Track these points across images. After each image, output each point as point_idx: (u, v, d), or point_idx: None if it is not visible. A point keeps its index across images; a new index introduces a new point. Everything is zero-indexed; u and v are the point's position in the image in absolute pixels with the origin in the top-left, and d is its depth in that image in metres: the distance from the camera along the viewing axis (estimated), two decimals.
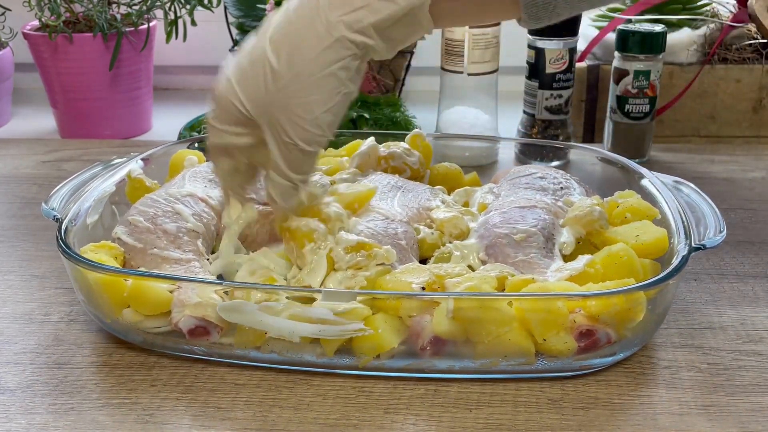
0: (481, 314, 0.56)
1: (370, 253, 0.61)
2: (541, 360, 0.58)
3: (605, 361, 0.59)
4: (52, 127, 1.18)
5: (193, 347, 0.60)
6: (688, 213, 0.66)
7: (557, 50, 0.96)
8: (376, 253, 0.62)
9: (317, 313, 0.57)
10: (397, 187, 0.74)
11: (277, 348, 0.59)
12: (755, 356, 0.62)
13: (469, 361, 0.58)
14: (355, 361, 0.59)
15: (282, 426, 0.55)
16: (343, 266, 0.61)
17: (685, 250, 0.61)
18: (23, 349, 0.63)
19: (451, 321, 0.56)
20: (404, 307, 0.57)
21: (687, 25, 1.08)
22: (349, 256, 0.61)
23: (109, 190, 0.72)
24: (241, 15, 1.16)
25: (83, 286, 0.62)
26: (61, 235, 0.63)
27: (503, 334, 0.57)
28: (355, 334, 0.57)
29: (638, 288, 0.57)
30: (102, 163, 0.77)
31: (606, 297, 0.57)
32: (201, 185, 0.72)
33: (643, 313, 0.58)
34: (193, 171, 0.74)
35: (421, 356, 0.58)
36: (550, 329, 0.57)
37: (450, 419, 0.55)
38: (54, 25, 1.07)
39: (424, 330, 0.57)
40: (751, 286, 0.72)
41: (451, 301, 0.56)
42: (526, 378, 0.59)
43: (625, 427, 0.55)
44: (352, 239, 0.62)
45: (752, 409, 0.56)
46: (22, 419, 0.56)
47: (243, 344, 0.59)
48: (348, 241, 0.62)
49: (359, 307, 0.57)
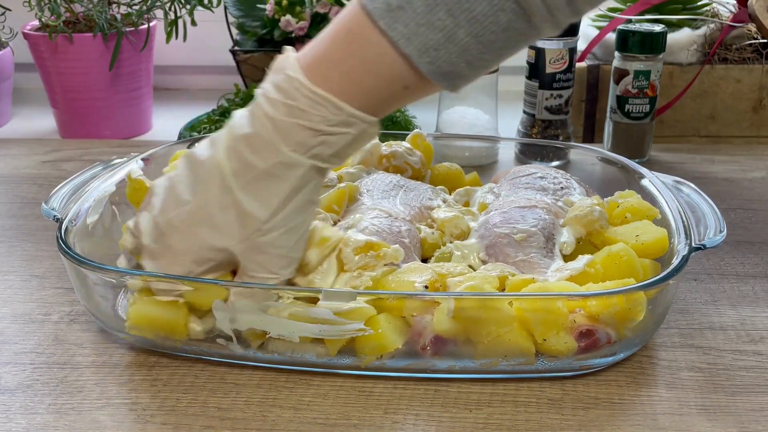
0: (482, 314, 0.56)
1: (378, 254, 0.61)
2: (541, 360, 0.58)
3: (605, 361, 0.59)
4: (52, 127, 1.18)
5: (193, 347, 0.60)
6: (689, 213, 0.66)
7: (557, 50, 0.96)
8: (384, 253, 0.61)
9: (318, 313, 0.56)
10: (399, 185, 0.74)
11: (278, 348, 0.59)
12: (755, 356, 0.62)
13: (469, 361, 0.58)
14: (357, 361, 0.59)
15: (282, 426, 0.55)
16: (352, 268, 0.60)
17: (685, 250, 0.61)
18: (23, 349, 0.63)
19: (452, 320, 0.56)
20: (407, 306, 0.57)
21: (687, 25, 1.08)
22: (359, 257, 0.60)
23: (109, 190, 0.72)
24: (241, 15, 1.17)
25: (83, 286, 0.62)
26: (61, 235, 0.63)
27: (503, 334, 0.57)
28: (355, 334, 0.57)
29: (638, 288, 0.57)
30: (102, 163, 0.77)
31: (606, 297, 0.57)
32: None
33: (643, 313, 0.58)
34: None
35: (422, 356, 0.58)
36: (550, 329, 0.57)
37: (450, 419, 0.55)
38: (54, 25, 1.07)
39: (424, 330, 0.57)
40: (751, 286, 0.72)
41: (451, 300, 0.56)
42: (526, 378, 0.59)
43: (625, 427, 0.55)
44: (361, 240, 0.61)
45: (752, 409, 0.56)
46: (22, 419, 0.56)
47: (246, 343, 0.59)
48: (357, 242, 0.61)
49: (365, 307, 0.57)
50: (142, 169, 0.76)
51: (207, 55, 1.30)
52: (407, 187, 0.74)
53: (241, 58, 1.14)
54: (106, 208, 0.72)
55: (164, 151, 0.81)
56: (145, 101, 1.17)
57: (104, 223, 0.71)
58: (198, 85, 1.37)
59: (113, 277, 0.62)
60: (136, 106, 1.15)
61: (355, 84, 0.54)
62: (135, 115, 1.16)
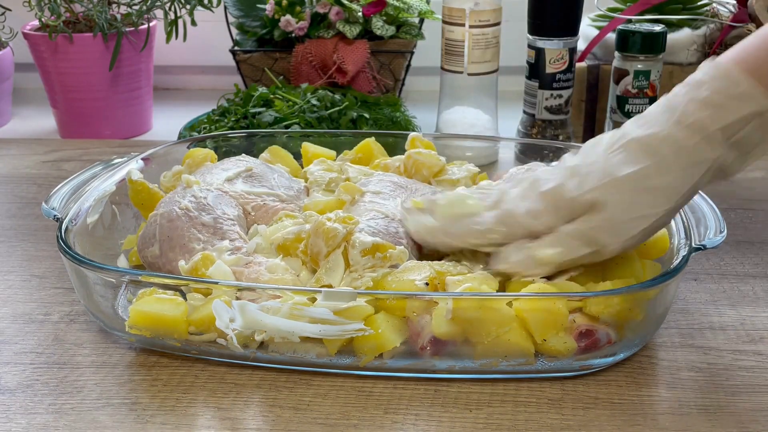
0: (481, 315, 0.56)
1: (385, 255, 0.61)
2: (541, 360, 0.58)
3: (605, 362, 0.59)
4: (52, 127, 1.18)
5: (192, 347, 0.60)
6: (689, 213, 0.66)
7: (557, 50, 0.96)
8: (391, 255, 0.61)
9: (317, 313, 0.56)
10: (400, 185, 0.74)
11: (279, 348, 0.59)
12: (755, 356, 0.62)
13: (469, 361, 0.58)
14: (356, 361, 0.59)
15: (282, 426, 0.55)
16: (359, 269, 0.60)
17: (685, 250, 0.61)
18: (23, 349, 0.63)
19: (450, 323, 0.56)
20: (408, 306, 0.57)
21: (687, 25, 1.08)
22: (365, 259, 0.60)
23: (109, 189, 0.72)
24: (241, 15, 1.17)
25: (83, 286, 0.62)
26: (61, 235, 0.63)
27: (503, 335, 0.57)
28: (355, 334, 0.57)
29: (639, 288, 0.57)
30: (102, 163, 0.77)
31: (606, 297, 0.57)
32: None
33: (643, 314, 0.58)
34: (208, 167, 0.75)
35: (421, 356, 0.58)
36: (550, 330, 0.57)
37: (450, 419, 0.55)
38: (54, 25, 1.07)
39: (423, 330, 0.57)
40: (751, 286, 0.72)
41: (450, 301, 0.56)
42: (526, 378, 0.59)
43: (625, 427, 0.55)
44: (368, 241, 0.61)
45: (752, 409, 0.56)
46: (22, 419, 0.56)
47: (245, 343, 0.59)
48: (364, 244, 0.60)
49: (362, 305, 0.57)
50: (142, 170, 0.76)
51: (207, 55, 1.30)
52: (409, 187, 0.74)
53: (241, 58, 1.14)
54: (106, 208, 0.72)
55: (164, 150, 0.81)
56: (145, 101, 1.17)
57: (104, 222, 0.71)
58: (198, 85, 1.37)
59: (113, 276, 0.62)
60: (136, 106, 1.15)
61: None
62: (135, 115, 1.16)
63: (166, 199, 0.69)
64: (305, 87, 1.05)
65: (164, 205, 0.68)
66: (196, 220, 0.66)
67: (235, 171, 0.74)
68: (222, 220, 0.67)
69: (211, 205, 0.68)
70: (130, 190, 0.73)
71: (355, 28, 1.11)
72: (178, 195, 0.69)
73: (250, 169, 0.74)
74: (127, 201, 0.74)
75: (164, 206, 0.68)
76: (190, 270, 0.62)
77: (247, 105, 1.02)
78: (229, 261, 0.63)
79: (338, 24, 1.11)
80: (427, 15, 1.12)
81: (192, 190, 0.69)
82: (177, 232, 0.66)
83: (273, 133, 0.88)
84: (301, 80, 1.11)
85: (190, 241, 0.65)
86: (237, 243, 0.65)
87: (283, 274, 0.62)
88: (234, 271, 0.63)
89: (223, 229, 0.66)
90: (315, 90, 1.05)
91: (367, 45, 1.11)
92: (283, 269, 0.63)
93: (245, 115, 1.00)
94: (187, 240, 0.65)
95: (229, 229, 0.67)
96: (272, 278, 0.62)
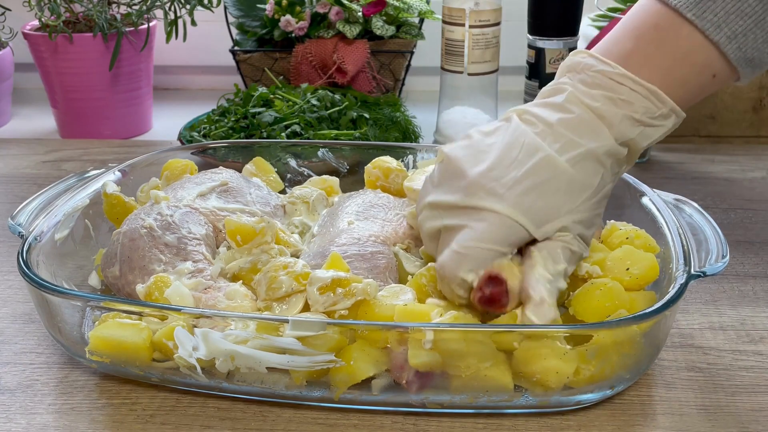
0: (462, 347, 0.52)
1: (348, 290, 0.55)
2: (525, 395, 0.55)
3: (595, 397, 0.56)
4: (52, 127, 1.18)
5: (155, 374, 0.57)
6: (689, 236, 0.63)
7: (557, 50, 0.96)
8: (354, 290, 0.55)
9: (284, 343, 0.53)
10: (375, 205, 0.70)
11: (245, 377, 0.55)
12: (755, 356, 0.62)
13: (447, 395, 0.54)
14: (329, 393, 0.55)
15: (282, 426, 0.55)
16: (319, 308, 0.55)
17: (683, 278, 0.57)
18: (23, 349, 0.63)
19: (429, 352, 0.52)
20: (387, 336, 0.53)
21: None
22: (325, 297, 0.55)
23: (81, 203, 0.69)
24: (241, 15, 1.17)
25: (41, 307, 0.59)
26: (23, 254, 0.59)
27: (483, 369, 0.53)
28: (326, 365, 0.53)
29: (629, 321, 0.53)
30: (76, 175, 0.73)
31: (595, 330, 0.53)
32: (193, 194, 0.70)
33: (637, 347, 0.54)
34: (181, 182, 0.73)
35: (406, 390, 0.54)
36: (538, 363, 0.53)
37: (450, 419, 0.55)
38: (54, 25, 1.07)
39: (408, 363, 0.53)
40: (751, 286, 0.72)
41: (429, 332, 0.52)
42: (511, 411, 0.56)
43: (625, 427, 0.55)
44: (327, 277, 0.55)
45: (752, 409, 0.56)
46: (22, 419, 0.56)
47: (211, 373, 0.56)
48: (322, 280, 0.55)
49: (328, 333, 0.53)
50: (119, 181, 0.72)
51: (207, 55, 1.30)
52: (385, 206, 0.70)
53: (241, 58, 1.14)
54: (78, 223, 0.69)
55: (144, 160, 0.77)
56: (145, 101, 1.17)
57: (75, 238, 0.68)
58: (198, 85, 1.37)
59: (76, 301, 0.58)
60: (136, 106, 1.15)
61: (672, 77, 0.57)
62: (135, 115, 1.16)
63: (131, 216, 0.66)
64: (305, 87, 1.05)
65: (128, 222, 0.65)
66: (159, 240, 0.63)
67: (209, 185, 0.71)
68: (187, 240, 0.64)
69: (177, 223, 0.64)
70: (105, 203, 0.69)
71: (355, 28, 1.11)
72: (144, 212, 0.65)
73: (226, 183, 0.71)
74: (102, 215, 0.71)
75: (128, 224, 0.65)
76: (144, 294, 0.59)
77: (247, 105, 1.02)
78: (189, 285, 0.60)
79: (338, 24, 1.11)
80: (427, 15, 1.12)
81: (159, 207, 0.66)
82: (138, 252, 0.62)
83: (252, 143, 0.85)
84: (301, 80, 1.11)
85: (150, 262, 0.62)
86: (200, 265, 0.62)
87: (242, 300, 0.59)
88: (193, 295, 0.59)
89: (187, 249, 0.63)
90: (315, 90, 1.05)
91: (367, 45, 1.11)
92: (242, 296, 0.59)
93: (245, 115, 1.00)
94: (147, 261, 0.62)
95: (194, 250, 0.63)
96: (229, 305, 0.58)
